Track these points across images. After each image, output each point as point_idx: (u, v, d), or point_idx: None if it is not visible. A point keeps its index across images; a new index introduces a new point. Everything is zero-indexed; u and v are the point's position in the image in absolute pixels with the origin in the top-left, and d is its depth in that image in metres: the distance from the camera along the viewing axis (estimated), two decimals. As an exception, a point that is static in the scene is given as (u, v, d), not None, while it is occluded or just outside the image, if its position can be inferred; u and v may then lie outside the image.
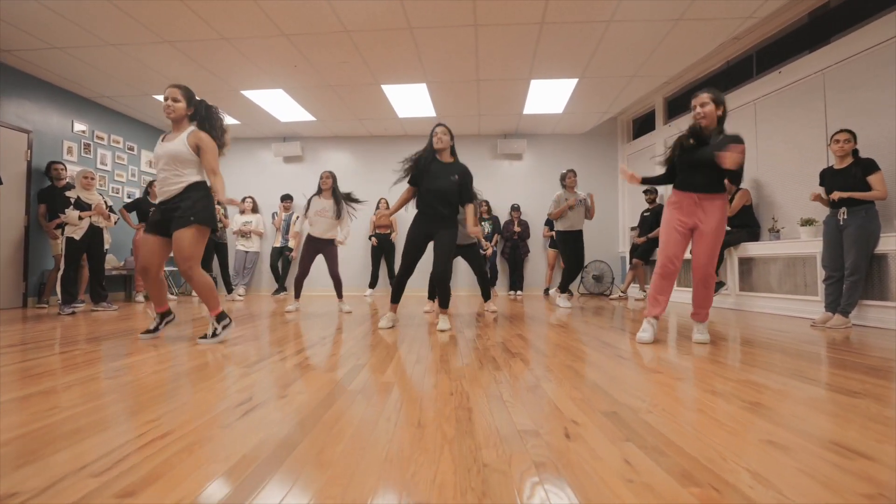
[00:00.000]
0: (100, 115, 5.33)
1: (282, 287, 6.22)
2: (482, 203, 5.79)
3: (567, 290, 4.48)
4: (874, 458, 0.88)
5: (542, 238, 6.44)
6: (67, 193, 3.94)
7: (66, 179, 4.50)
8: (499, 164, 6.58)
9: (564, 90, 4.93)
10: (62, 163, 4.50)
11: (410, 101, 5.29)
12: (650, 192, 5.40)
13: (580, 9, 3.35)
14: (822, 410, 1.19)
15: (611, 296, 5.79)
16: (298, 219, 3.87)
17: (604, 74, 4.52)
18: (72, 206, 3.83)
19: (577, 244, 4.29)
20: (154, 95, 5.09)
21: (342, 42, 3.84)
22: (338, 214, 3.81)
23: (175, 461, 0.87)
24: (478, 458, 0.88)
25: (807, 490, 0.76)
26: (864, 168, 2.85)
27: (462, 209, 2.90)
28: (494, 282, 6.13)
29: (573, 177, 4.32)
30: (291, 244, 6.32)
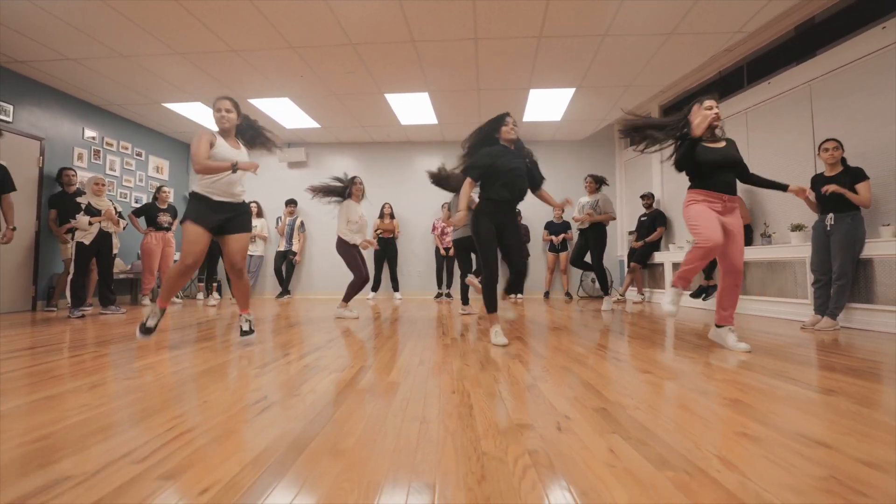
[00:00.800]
0: (109, 122, 5.45)
1: (285, 290, 6.32)
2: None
3: (606, 291, 4.39)
4: (834, 447, 0.98)
5: (542, 242, 6.55)
6: (79, 199, 4.05)
7: (77, 185, 4.62)
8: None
9: (562, 99, 5.05)
10: (73, 169, 4.62)
11: (413, 109, 5.41)
12: (647, 198, 5.51)
13: (576, 24, 3.47)
14: (797, 407, 1.29)
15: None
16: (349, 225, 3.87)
17: (600, 84, 4.65)
18: (83, 212, 3.94)
19: (593, 241, 4.34)
20: (163, 104, 5.22)
21: (347, 54, 3.96)
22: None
23: (205, 451, 0.97)
24: (477, 448, 0.99)
25: (768, 474, 0.86)
26: (854, 176, 2.96)
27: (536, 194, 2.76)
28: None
29: (591, 181, 4.46)
30: (296, 248, 6.43)
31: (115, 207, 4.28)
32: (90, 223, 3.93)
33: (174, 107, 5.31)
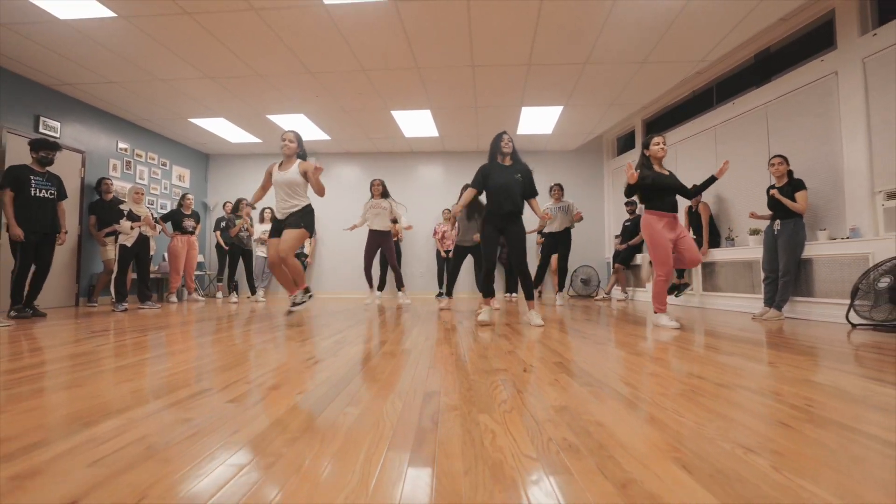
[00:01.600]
0: (139, 135, 5.98)
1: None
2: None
3: (562, 287, 5.13)
4: (703, 378, 1.47)
5: (535, 245, 7.04)
6: (121, 206, 4.55)
7: (114, 193, 5.12)
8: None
9: (552, 115, 5.57)
10: (110, 178, 5.13)
11: (416, 124, 5.93)
12: (630, 204, 6.01)
13: (561, 53, 3.99)
14: (692, 359, 1.78)
15: (596, 297, 6.38)
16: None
17: (585, 103, 5.16)
18: (125, 217, 4.44)
19: (561, 245, 4.99)
20: (189, 119, 5.74)
21: (359, 78, 4.48)
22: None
23: (284, 380, 1.46)
24: (467, 377, 1.48)
25: (651, 389, 1.35)
26: (794, 186, 3.46)
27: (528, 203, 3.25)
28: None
29: (558, 190, 5.05)
30: (307, 250, 6.93)
31: (152, 213, 4.79)
32: (131, 227, 4.44)
33: (199, 122, 5.83)
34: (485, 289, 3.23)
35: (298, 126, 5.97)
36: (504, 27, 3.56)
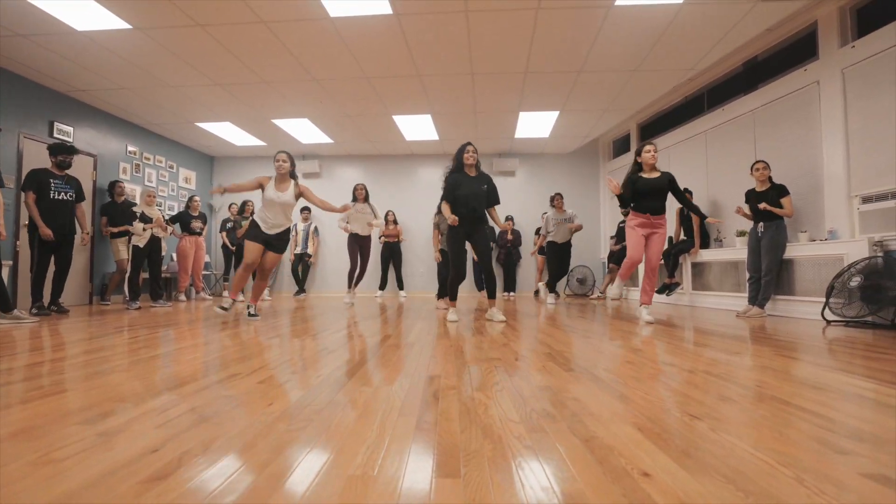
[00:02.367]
0: (147, 139, 6.16)
1: (301, 289, 6.99)
2: None
3: (554, 290, 5.31)
4: (693, 371, 1.66)
5: (533, 245, 7.23)
6: (134, 209, 4.74)
7: (125, 196, 5.31)
8: (494, 180, 7.39)
9: (548, 120, 5.76)
10: (122, 181, 5.31)
11: (417, 128, 6.12)
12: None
13: (556, 62, 4.17)
14: (672, 352, 1.97)
15: (591, 296, 6.57)
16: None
17: (580, 108, 5.35)
18: (138, 219, 4.63)
19: (563, 255, 5.19)
20: (196, 123, 5.92)
21: (362, 85, 4.67)
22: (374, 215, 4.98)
23: (302, 367, 1.65)
24: (464, 364, 1.67)
25: (628, 376, 1.54)
26: (778, 191, 3.64)
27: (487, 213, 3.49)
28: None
29: (560, 199, 5.21)
30: (310, 250, 7.11)
31: (164, 216, 4.97)
32: (144, 229, 4.62)
33: (206, 125, 6.01)
34: (452, 293, 3.40)
35: (301, 129, 6.16)
36: (502, 37, 3.74)
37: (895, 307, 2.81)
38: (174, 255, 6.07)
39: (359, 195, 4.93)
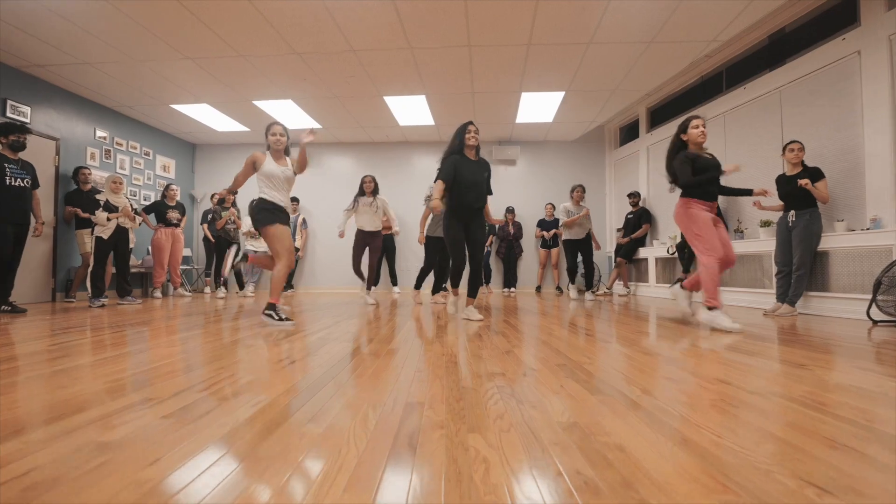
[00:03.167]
0: (119, 123, 5.71)
1: (288, 284, 6.58)
2: None
3: (591, 286, 4.90)
4: (730, 383, 1.27)
5: (535, 238, 6.83)
6: (98, 196, 4.31)
7: (91, 184, 4.87)
8: (494, 169, 6.98)
9: (553, 102, 5.33)
10: (88, 168, 4.87)
11: (410, 111, 5.68)
12: (633, 196, 5.80)
13: (562, 32, 3.75)
14: (702, 357, 1.58)
15: (597, 292, 6.18)
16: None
17: (587, 88, 4.93)
18: (101, 208, 4.20)
19: (586, 250, 4.81)
20: (172, 105, 5.47)
21: (349, 59, 4.23)
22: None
23: (256, 382, 1.25)
24: (458, 384, 1.27)
25: (670, 396, 1.14)
26: (813, 175, 3.24)
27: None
28: (489, 279, 6.51)
29: (580, 191, 4.81)
30: (298, 244, 6.69)
31: (131, 204, 4.54)
32: (108, 219, 4.20)
33: (181, 108, 5.56)
34: (454, 281, 3.13)
35: (287, 113, 5.72)
36: (503, 2, 3.31)
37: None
38: (150, 249, 5.65)
39: (367, 188, 4.37)
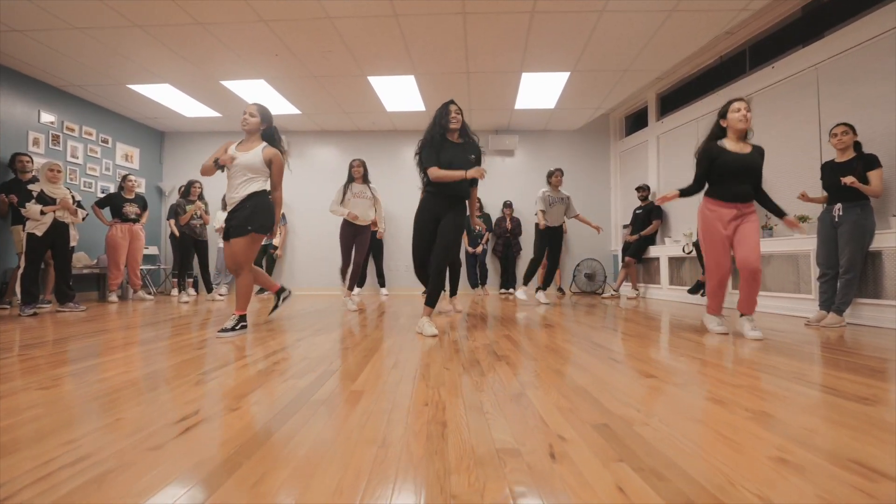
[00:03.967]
0: (70, 106, 5.08)
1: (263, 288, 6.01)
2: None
3: (547, 285, 4.60)
4: (903, 482, 0.77)
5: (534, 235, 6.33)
6: (30, 187, 3.71)
7: (32, 172, 4.25)
8: (490, 161, 6.46)
9: (556, 84, 4.82)
10: (28, 155, 4.25)
11: (398, 94, 5.13)
12: (642, 190, 5.32)
13: (571, -3, 3.23)
14: (833, 420, 1.08)
15: (603, 294, 5.71)
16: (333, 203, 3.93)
17: (596, 68, 4.42)
18: (34, 200, 3.61)
19: (555, 240, 4.44)
20: (129, 85, 4.86)
21: (325, 29, 3.67)
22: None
23: (76, 497, 0.72)
24: (445, 487, 0.75)
25: (785, 493, 0.63)
26: (867, 163, 2.77)
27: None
28: (485, 280, 6.01)
29: (559, 176, 4.44)
30: (276, 241, 6.12)
31: (73, 196, 3.95)
32: (42, 212, 3.60)
33: (140, 88, 4.95)
34: (430, 297, 2.49)
35: (260, 95, 5.13)
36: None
37: None
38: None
39: (356, 174, 3.88)
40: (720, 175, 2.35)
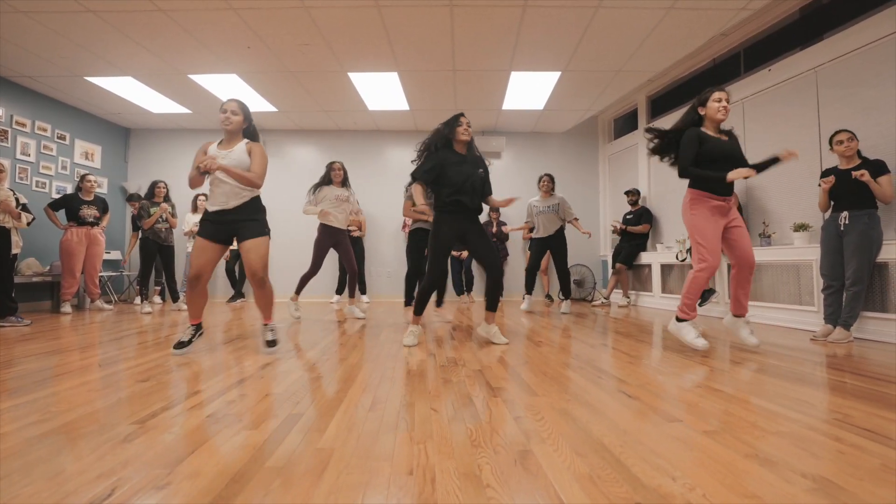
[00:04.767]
0: (20, 98, 4.63)
1: (238, 293, 5.66)
2: None
3: (568, 294, 4.51)
4: None
5: (522, 240, 6.15)
6: (-35, 187, 3.31)
7: (-28, 171, 3.82)
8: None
9: (546, 84, 4.64)
10: (-34, 152, 3.83)
11: (381, 92, 4.87)
12: (632, 194, 5.19)
13: (566, -10, 3.04)
14: (912, 491, 0.88)
15: (593, 301, 5.55)
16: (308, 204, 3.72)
17: (588, 68, 4.25)
18: (-31, 203, 3.21)
19: (558, 251, 4.35)
20: (86, 77, 4.45)
21: (300, 19, 3.38)
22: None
23: None
24: None
25: None
26: (876, 168, 2.65)
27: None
28: (471, 287, 5.79)
29: (547, 181, 4.33)
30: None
31: (18, 198, 3.55)
32: (-22, 216, 3.21)
33: (99, 81, 4.55)
34: (419, 306, 2.58)
35: (232, 91, 4.79)
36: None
37: None
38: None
39: (336, 176, 3.68)
40: (705, 163, 2.25)
